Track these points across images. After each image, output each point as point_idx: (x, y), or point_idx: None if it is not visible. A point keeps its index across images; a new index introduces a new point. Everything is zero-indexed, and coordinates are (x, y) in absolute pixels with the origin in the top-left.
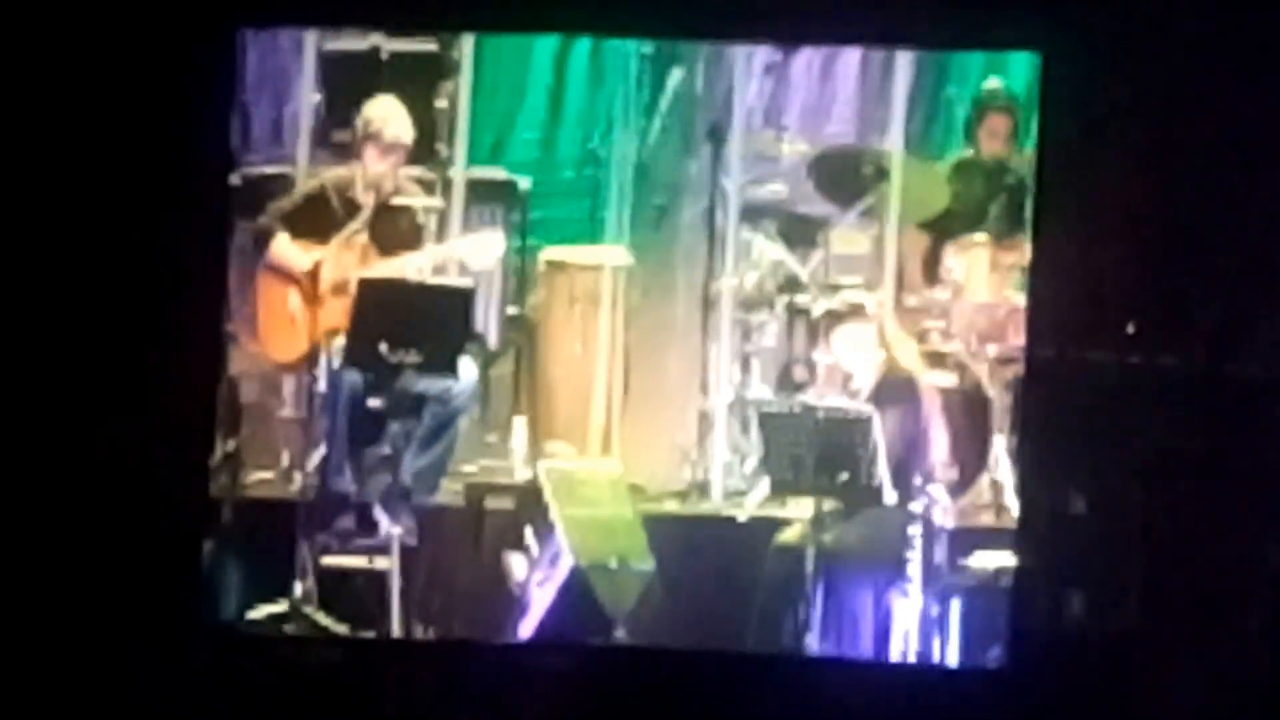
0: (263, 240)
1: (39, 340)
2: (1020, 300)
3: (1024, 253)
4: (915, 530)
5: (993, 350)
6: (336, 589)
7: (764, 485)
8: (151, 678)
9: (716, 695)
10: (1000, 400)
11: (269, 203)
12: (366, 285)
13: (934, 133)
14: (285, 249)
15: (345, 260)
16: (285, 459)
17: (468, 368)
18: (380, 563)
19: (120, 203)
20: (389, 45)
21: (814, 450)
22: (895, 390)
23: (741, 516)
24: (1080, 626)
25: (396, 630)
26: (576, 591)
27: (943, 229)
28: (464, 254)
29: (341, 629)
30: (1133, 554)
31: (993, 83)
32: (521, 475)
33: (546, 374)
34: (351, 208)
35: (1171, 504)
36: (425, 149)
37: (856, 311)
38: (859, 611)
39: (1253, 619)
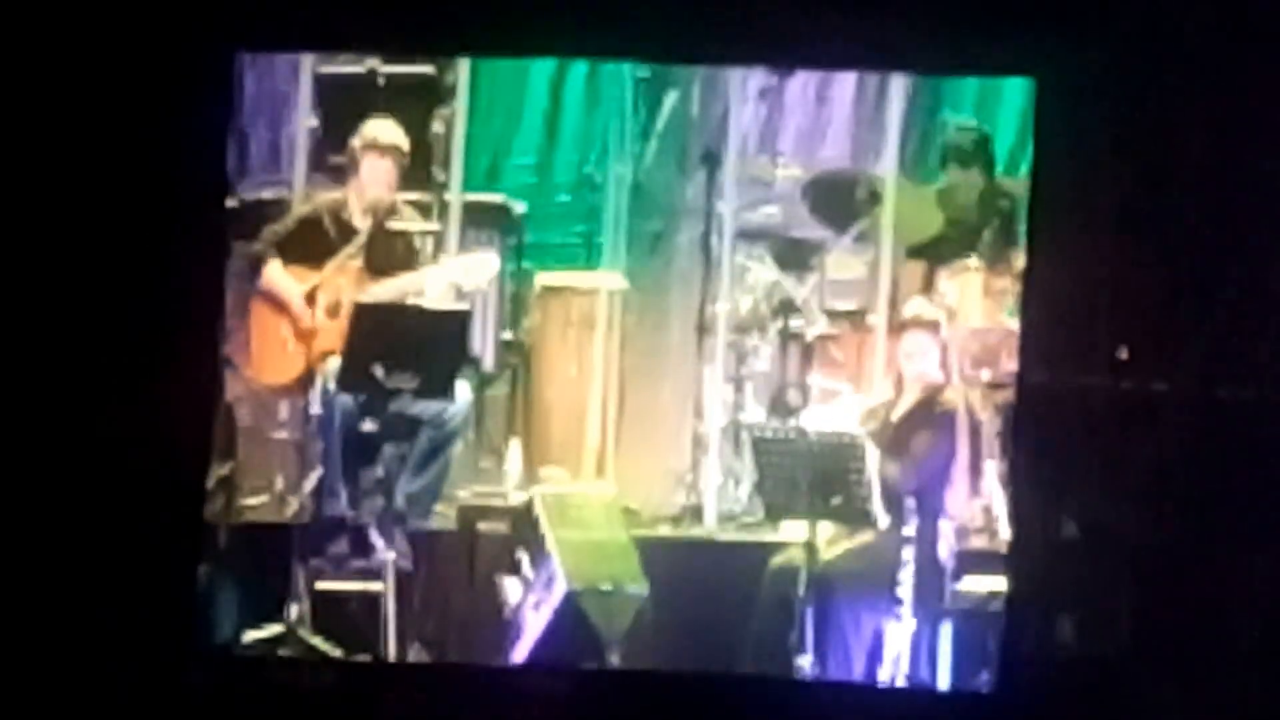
0: (257, 265)
1: (35, 363)
2: (1013, 325)
3: (1017, 277)
4: (907, 554)
5: (985, 375)
6: (331, 612)
7: (751, 501)
8: (147, 701)
9: (710, 718)
10: (992, 425)
11: (265, 226)
12: (362, 309)
13: (928, 157)
14: (278, 276)
15: (339, 284)
16: (280, 483)
17: (462, 391)
18: (374, 586)
19: (117, 225)
20: (385, 69)
21: (807, 474)
22: (935, 418)
23: (731, 533)
24: (1071, 651)
25: (391, 653)
26: (570, 615)
27: (936, 253)
28: (457, 275)
29: (336, 652)
30: (1124, 578)
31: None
32: (516, 499)
33: (541, 398)
34: (347, 231)
35: (1163, 529)
36: (421, 172)
37: (931, 326)
38: (851, 634)
39: (1244, 643)
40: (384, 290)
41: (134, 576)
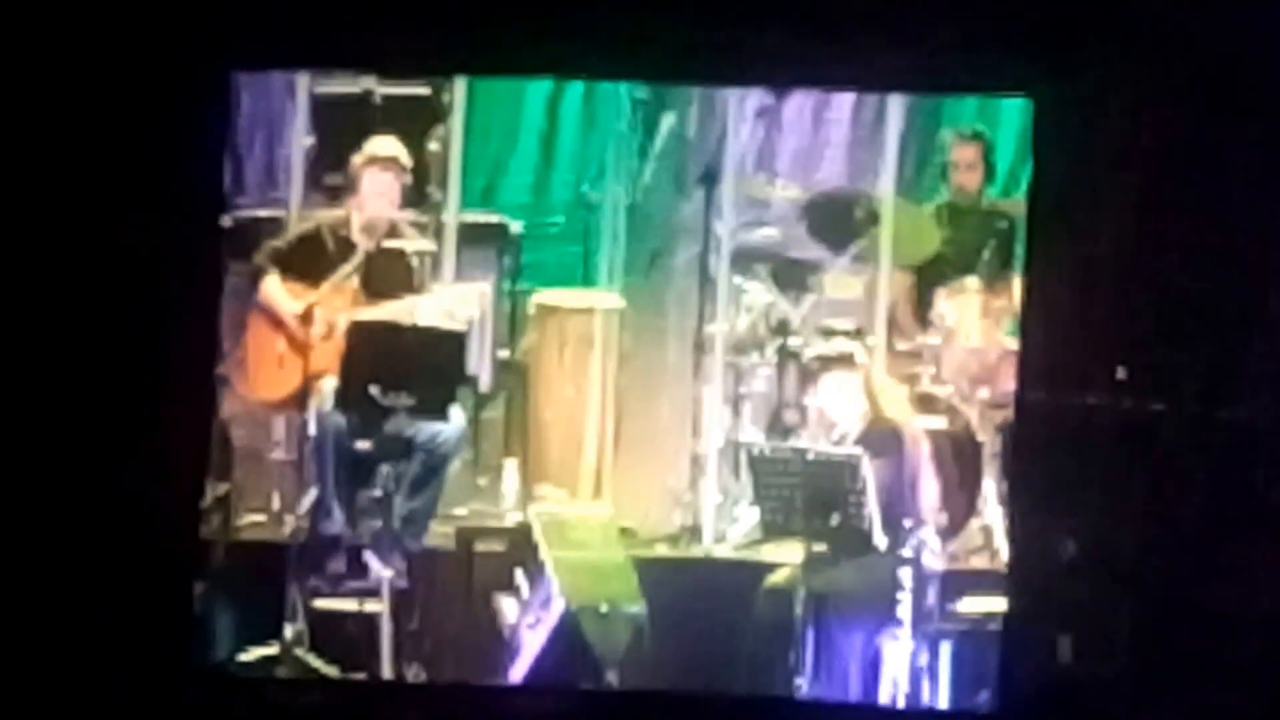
0: (256, 278)
1: (31, 383)
2: (1012, 345)
3: (1015, 297)
4: (905, 574)
5: (984, 394)
6: (327, 631)
7: (749, 521)
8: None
9: None
10: (991, 444)
11: (262, 244)
12: (359, 328)
13: (925, 178)
14: (276, 290)
15: (335, 303)
16: (276, 501)
17: (459, 411)
18: (371, 605)
19: (112, 244)
20: (381, 89)
21: (804, 494)
22: (880, 439)
23: (728, 553)
24: (1070, 670)
25: (387, 673)
26: (567, 635)
27: (934, 273)
28: (449, 304)
29: (332, 671)
30: (1123, 598)
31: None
32: (512, 518)
33: (538, 417)
34: (346, 248)
35: (1162, 548)
36: (418, 192)
37: (844, 360)
38: (849, 655)
39: (1243, 663)
40: (378, 314)
41: (131, 595)
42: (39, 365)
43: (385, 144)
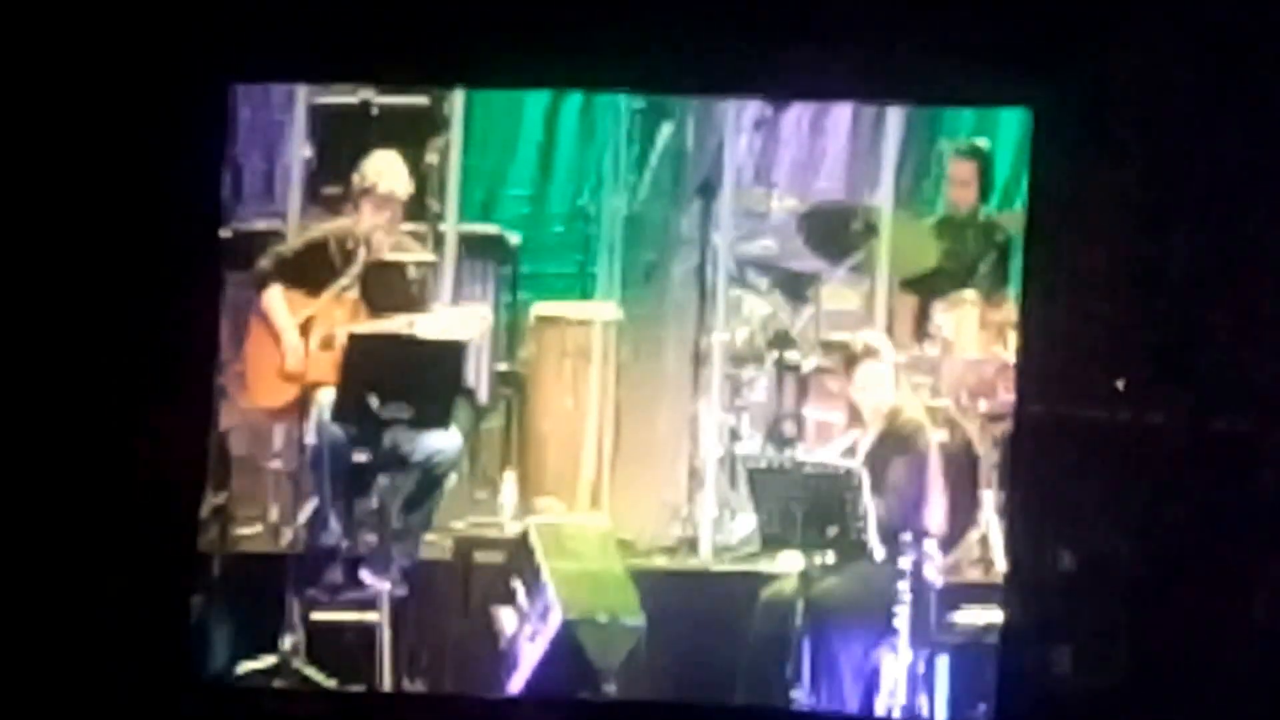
0: (259, 286)
1: (30, 394)
2: (1009, 357)
3: (1013, 309)
4: (904, 585)
5: (982, 406)
6: (326, 643)
7: (747, 532)
8: None
9: None
10: (989, 456)
11: (269, 248)
12: (357, 339)
13: (924, 189)
14: (276, 301)
15: (335, 315)
16: (274, 513)
17: (457, 423)
18: (369, 617)
19: (111, 256)
20: (379, 100)
21: (803, 505)
22: (901, 440)
23: (726, 564)
24: (1068, 682)
25: (386, 684)
26: (566, 646)
27: (932, 286)
28: (449, 325)
29: (330, 683)
30: (1120, 610)
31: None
32: (511, 530)
33: (536, 429)
34: (349, 259)
35: (1159, 560)
36: (416, 204)
37: (872, 353)
38: (847, 666)
39: (1241, 674)
40: (377, 328)
41: (128, 607)
42: (38, 376)
43: (384, 172)
